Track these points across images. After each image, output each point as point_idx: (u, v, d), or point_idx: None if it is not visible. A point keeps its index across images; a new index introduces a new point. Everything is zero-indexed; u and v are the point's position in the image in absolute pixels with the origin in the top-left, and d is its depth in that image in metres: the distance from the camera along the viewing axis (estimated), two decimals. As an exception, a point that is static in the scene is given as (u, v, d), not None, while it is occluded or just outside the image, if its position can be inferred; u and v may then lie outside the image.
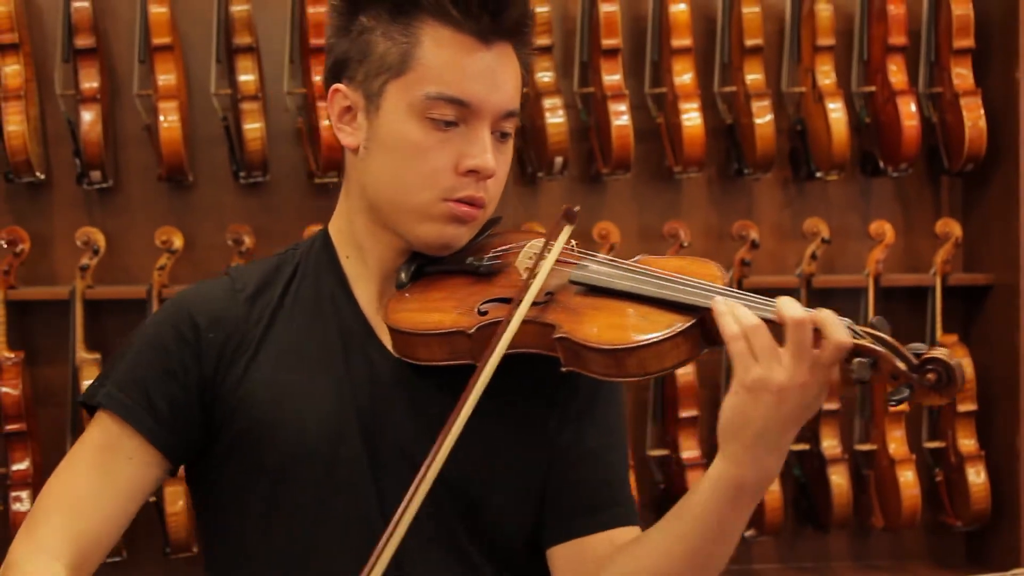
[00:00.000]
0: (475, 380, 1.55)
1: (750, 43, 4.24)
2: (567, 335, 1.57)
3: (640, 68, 4.31)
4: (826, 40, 4.29)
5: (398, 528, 1.52)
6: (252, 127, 4.05)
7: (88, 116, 3.99)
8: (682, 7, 4.20)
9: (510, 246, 1.74)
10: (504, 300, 1.64)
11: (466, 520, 1.69)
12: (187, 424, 1.68)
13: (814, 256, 4.28)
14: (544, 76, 4.14)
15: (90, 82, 4.02)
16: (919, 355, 1.46)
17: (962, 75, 4.31)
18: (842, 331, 1.47)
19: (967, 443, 4.29)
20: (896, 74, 4.29)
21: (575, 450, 1.73)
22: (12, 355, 3.96)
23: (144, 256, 4.12)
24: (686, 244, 4.16)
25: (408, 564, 1.61)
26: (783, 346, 1.49)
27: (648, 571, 1.63)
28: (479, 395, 1.55)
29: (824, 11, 4.28)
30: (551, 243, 1.63)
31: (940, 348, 1.47)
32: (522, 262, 1.69)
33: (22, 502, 3.92)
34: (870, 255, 4.31)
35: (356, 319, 1.73)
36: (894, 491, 4.25)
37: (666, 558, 1.61)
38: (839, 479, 4.24)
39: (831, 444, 4.24)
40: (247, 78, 4.08)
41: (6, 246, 4.03)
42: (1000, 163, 4.35)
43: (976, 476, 4.27)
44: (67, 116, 4.06)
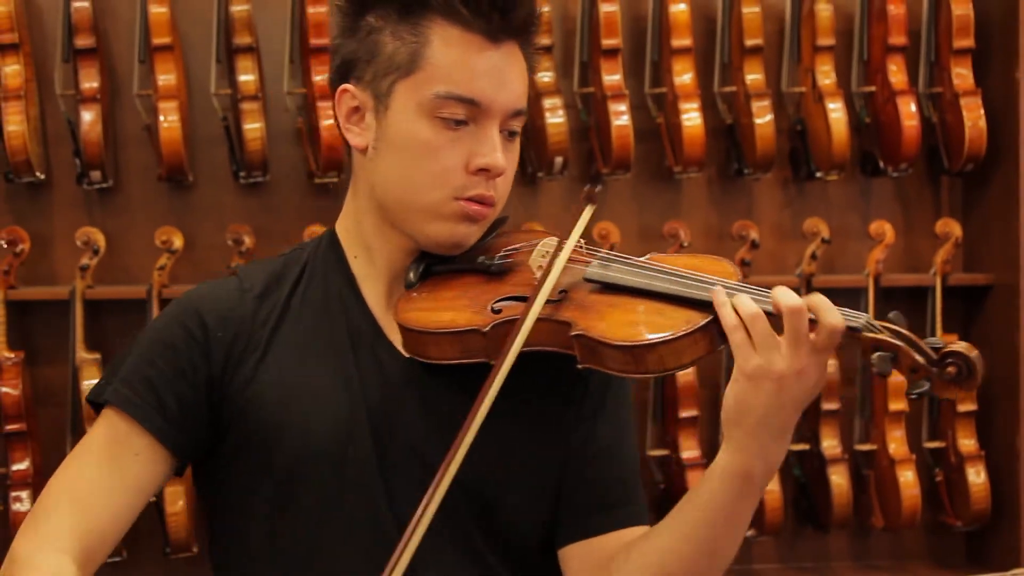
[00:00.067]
0: (492, 379, 1.55)
1: (750, 43, 4.24)
2: (584, 332, 1.57)
3: (640, 68, 4.30)
4: (826, 40, 4.28)
5: (416, 532, 1.51)
6: (252, 127, 4.05)
7: (88, 116, 3.99)
8: (682, 7, 4.20)
9: (520, 245, 1.74)
10: (517, 298, 1.65)
11: (481, 521, 1.69)
12: (195, 423, 1.68)
13: (814, 256, 4.27)
14: (544, 76, 4.14)
15: (90, 82, 4.02)
16: (937, 349, 1.48)
17: (962, 75, 4.31)
18: (835, 315, 1.49)
19: (967, 443, 4.29)
20: (896, 74, 4.29)
21: (589, 448, 1.74)
22: (12, 355, 3.96)
23: (144, 256, 4.12)
24: (686, 244, 4.16)
25: (421, 566, 1.60)
26: (780, 334, 1.50)
27: (660, 566, 1.64)
28: (495, 394, 1.55)
29: (824, 11, 4.28)
30: (572, 228, 1.64)
31: (959, 342, 1.49)
32: (535, 260, 1.69)
33: (22, 502, 3.91)
34: (870, 255, 4.30)
35: (365, 319, 1.73)
36: (894, 491, 4.25)
37: (677, 552, 1.62)
38: (839, 479, 4.23)
39: (831, 444, 4.24)
40: (247, 78, 4.07)
41: (6, 246, 4.02)
42: (1000, 163, 4.35)
43: (976, 476, 4.27)
44: (67, 116, 4.05)
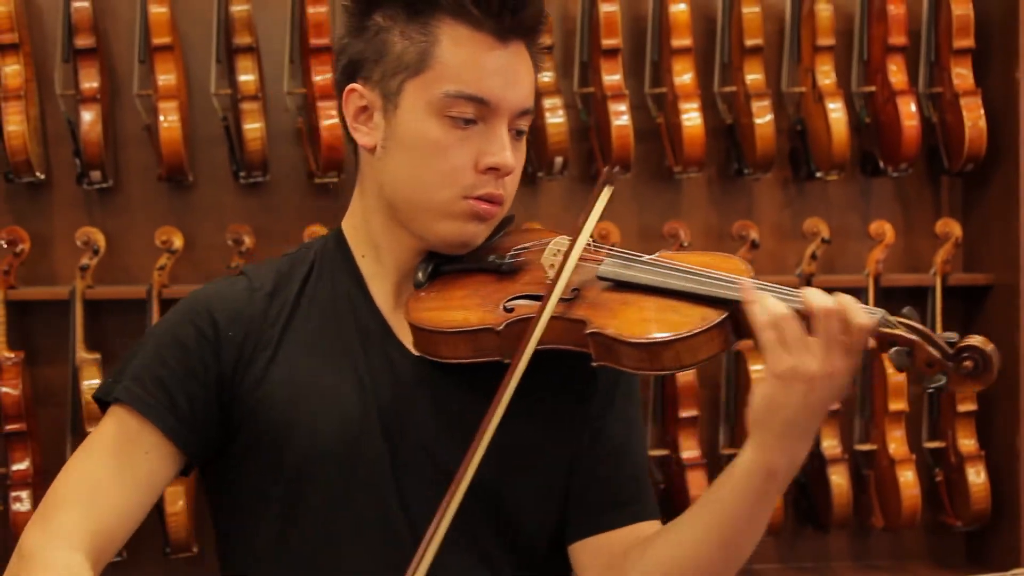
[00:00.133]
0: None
1: (750, 43, 4.24)
2: (599, 330, 1.57)
3: (640, 68, 4.30)
4: (826, 40, 4.28)
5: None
6: (252, 127, 4.05)
7: (88, 116, 3.99)
8: (682, 7, 4.20)
9: (531, 244, 1.74)
10: (530, 296, 1.65)
11: (491, 520, 1.69)
12: (206, 422, 1.68)
13: (814, 256, 4.27)
14: (544, 76, 4.13)
15: (90, 82, 4.02)
16: (952, 343, 1.49)
17: (962, 75, 4.31)
18: (864, 315, 1.50)
19: (967, 443, 4.29)
20: (896, 74, 4.29)
21: (600, 446, 1.74)
22: (12, 355, 3.96)
23: (144, 256, 4.12)
24: (686, 244, 4.16)
25: (432, 564, 1.59)
26: (812, 335, 1.50)
27: (679, 562, 1.64)
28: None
29: (824, 11, 4.28)
30: (591, 208, 1.64)
31: (975, 336, 1.50)
32: (547, 258, 1.69)
33: (22, 502, 3.91)
34: (870, 255, 4.30)
35: (373, 318, 1.73)
36: (894, 491, 4.25)
37: (697, 548, 1.63)
38: (839, 479, 4.23)
39: (831, 444, 4.24)
40: (247, 78, 4.07)
41: (6, 246, 4.02)
42: (1000, 163, 4.35)
43: (976, 476, 4.27)
44: (67, 116, 4.05)
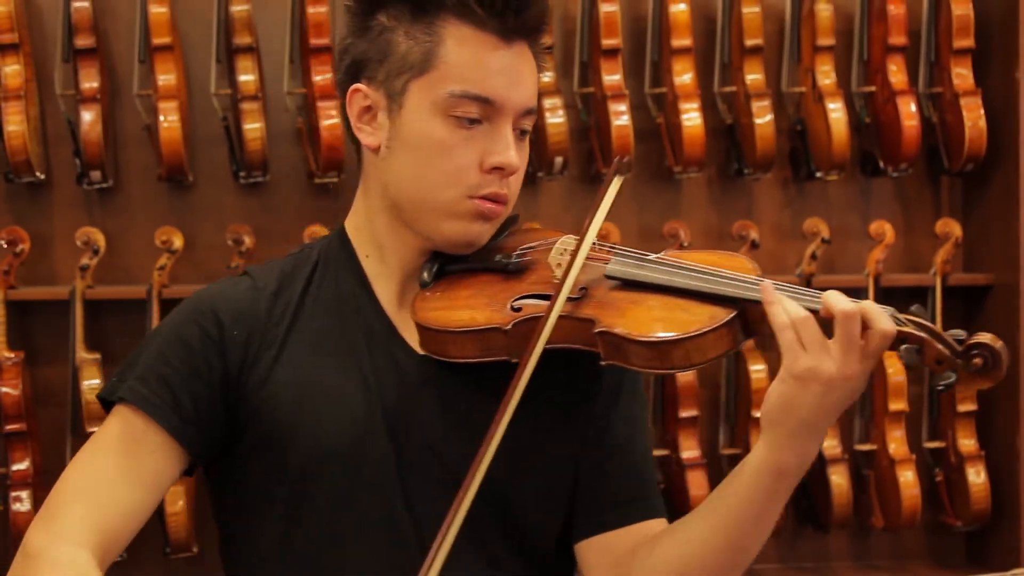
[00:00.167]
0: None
1: (750, 43, 4.24)
2: (608, 329, 1.57)
3: (640, 68, 4.30)
4: (826, 40, 4.28)
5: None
6: (252, 127, 4.05)
7: (88, 116, 3.99)
8: (682, 7, 4.19)
9: (537, 243, 1.74)
10: (537, 296, 1.65)
11: (499, 523, 1.69)
12: (211, 422, 1.67)
13: (814, 256, 4.27)
14: (544, 76, 4.09)
15: (90, 82, 4.02)
16: (961, 341, 1.50)
17: (962, 75, 4.31)
18: (887, 321, 1.50)
19: (967, 443, 4.29)
20: (896, 74, 4.29)
21: (605, 445, 1.74)
22: (12, 355, 3.96)
23: (144, 256, 4.12)
24: (686, 244, 4.16)
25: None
26: (830, 337, 1.51)
27: (687, 560, 1.64)
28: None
29: (824, 11, 4.27)
30: (601, 197, 1.65)
31: (984, 333, 1.51)
32: (554, 258, 1.69)
33: (22, 502, 3.91)
34: (870, 255, 4.30)
35: (378, 318, 1.73)
36: (894, 491, 4.25)
37: (705, 547, 1.63)
38: (839, 479, 4.23)
39: (831, 444, 4.23)
40: (247, 78, 4.07)
41: (6, 246, 4.02)
42: (1000, 163, 4.35)
43: (976, 476, 4.27)
44: (67, 116, 4.05)
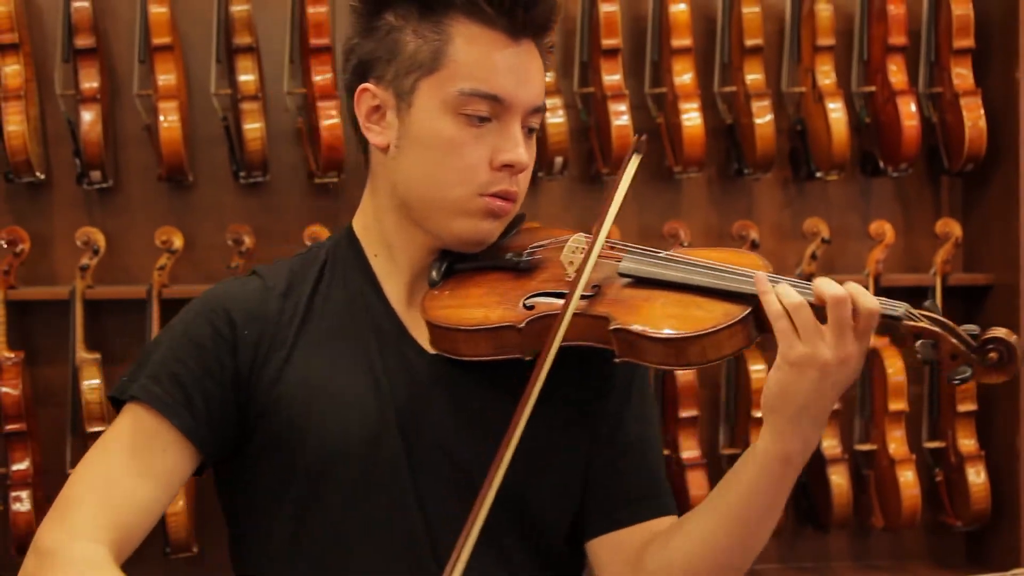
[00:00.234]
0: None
1: (750, 43, 4.24)
2: (623, 326, 1.57)
3: (640, 68, 4.30)
4: (826, 40, 4.28)
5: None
6: (252, 127, 4.05)
7: (88, 116, 3.99)
8: (682, 7, 4.19)
9: (547, 241, 1.75)
10: (549, 294, 1.65)
11: (514, 521, 1.69)
12: (222, 421, 1.67)
13: (814, 256, 4.27)
14: (545, 76, 4.13)
15: (90, 82, 4.02)
16: (975, 336, 1.53)
17: (962, 75, 4.31)
18: (872, 300, 1.53)
19: (967, 443, 4.29)
20: (896, 74, 4.29)
21: (617, 443, 1.75)
22: (12, 355, 3.96)
23: (144, 256, 4.12)
24: (686, 244, 4.16)
25: (448, 563, 1.61)
26: (824, 323, 1.52)
27: (697, 553, 1.65)
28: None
29: (824, 11, 4.27)
30: (620, 175, 1.68)
31: (998, 328, 1.53)
32: (567, 256, 1.69)
33: (22, 502, 3.91)
34: (870, 255, 4.30)
35: (388, 317, 1.73)
36: (894, 491, 4.25)
37: (715, 537, 1.63)
38: (839, 479, 4.23)
39: (831, 444, 4.23)
40: (247, 78, 4.07)
41: (6, 246, 4.02)
42: (1000, 163, 4.35)
43: (976, 476, 4.27)
44: (67, 116, 4.05)
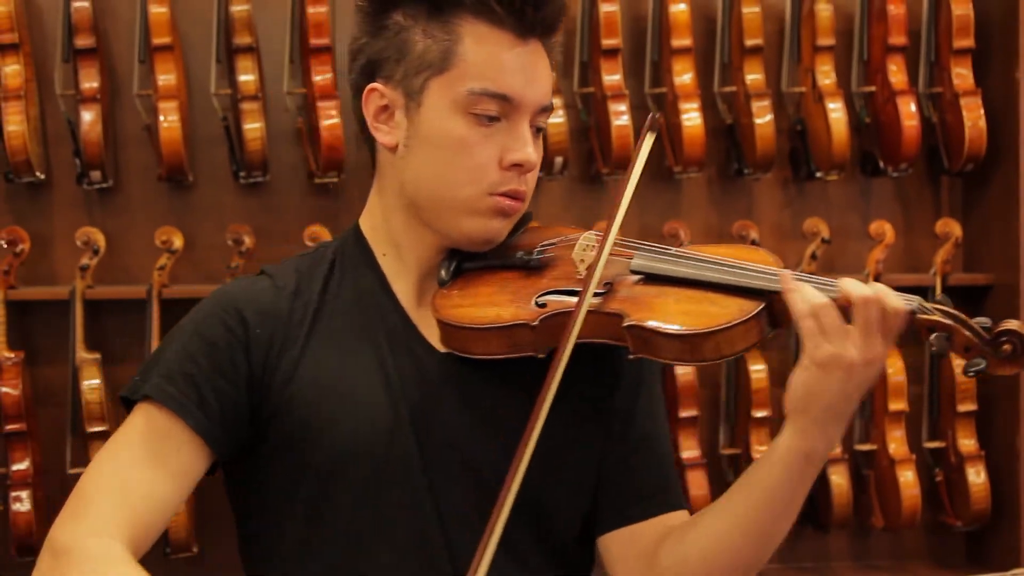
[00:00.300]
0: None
1: (750, 43, 4.24)
2: (637, 323, 1.58)
3: (640, 68, 4.30)
4: (826, 40, 4.28)
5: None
6: (252, 127, 4.05)
7: (88, 116, 3.99)
8: (682, 7, 4.20)
9: (558, 239, 1.75)
10: (560, 292, 1.66)
11: (530, 523, 1.69)
12: (236, 421, 1.67)
13: (814, 256, 4.27)
14: (546, 76, 4.14)
15: (90, 82, 4.02)
16: (988, 328, 1.54)
17: (962, 75, 4.31)
18: (900, 300, 1.54)
19: (967, 443, 4.29)
20: (896, 74, 4.29)
21: (628, 439, 1.76)
22: (12, 355, 3.96)
23: (144, 256, 4.12)
24: (687, 244, 4.15)
25: (462, 561, 1.62)
26: (850, 323, 1.53)
27: (715, 549, 1.65)
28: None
29: (824, 11, 4.28)
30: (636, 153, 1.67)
31: (1011, 320, 1.54)
32: (578, 253, 1.70)
33: (22, 502, 3.91)
34: (870, 255, 4.30)
35: (398, 316, 1.73)
36: (894, 491, 4.25)
37: (733, 534, 1.64)
38: (839, 479, 4.23)
39: (831, 444, 4.23)
40: (247, 78, 4.07)
41: (6, 246, 4.02)
42: (1000, 163, 4.35)
43: (976, 476, 4.27)
44: (67, 116, 4.05)
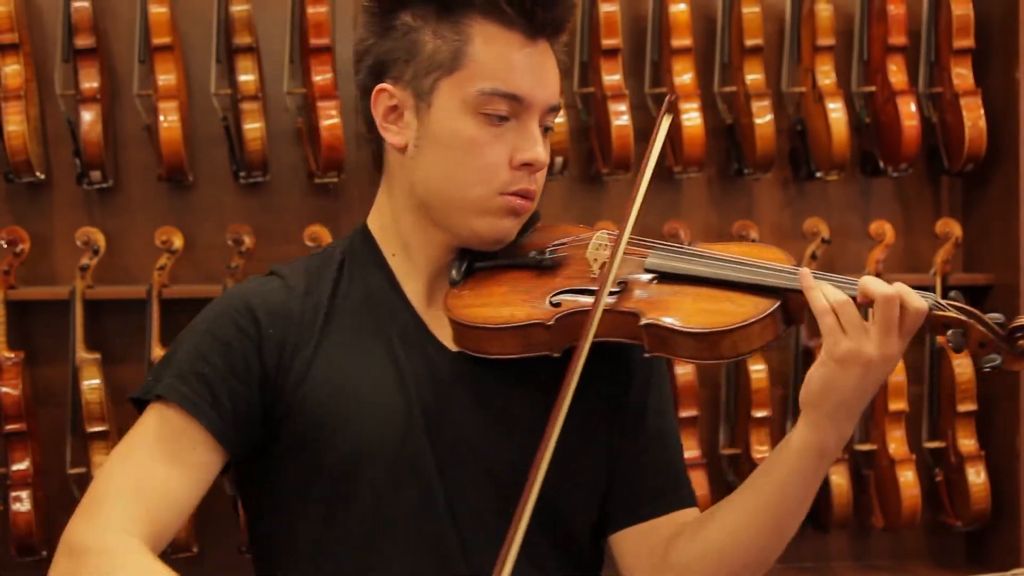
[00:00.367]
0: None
1: (750, 43, 4.24)
2: (654, 321, 1.58)
3: (640, 68, 4.30)
4: (826, 40, 4.28)
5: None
6: (252, 127, 4.05)
7: (88, 116, 3.99)
8: (682, 7, 4.20)
9: (570, 239, 1.76)
10: (574, 291, 1.66)
11: (547, 526, 1.69)
12: (249, 420, 1.67)
13: (814, 256, 4.27)
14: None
15: (90, 82, 4.02)
16: (1001, 324, 1.57)
17: (962, 75, 4.31)
18: (920, 299, 1.55)
19: (967, 443, 4.29)
20: (896, 74, 4.29)
21: (640, 437, 1.76)
22: (12, 355, 3.96)
23: (144, 256, 4.12)
24: (687, 244, 4.15)
25: (476, 560, 1.62)
26: (868, 320, 1.54)
27: (727, 546, 1.66)
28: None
29: (824, 11, 4.28)
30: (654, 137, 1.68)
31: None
32: (592, 252, 1.70)
33: (22, 502, 3.91)
34: (870, 255, 4.30)
35: (409, 316, 1.74)
36: (894, 491, 4.25)
37: (746, 531, 1.65)
38: (839, 479, 4.23)
39: (831, 444, 4.23)
40: (247, 78, 4.07)
41: (6, 246, 4.02)
42: (1000, 163, 4.35)
43: (976, 476, 4.27)
44: (67, 116, 4.05)
